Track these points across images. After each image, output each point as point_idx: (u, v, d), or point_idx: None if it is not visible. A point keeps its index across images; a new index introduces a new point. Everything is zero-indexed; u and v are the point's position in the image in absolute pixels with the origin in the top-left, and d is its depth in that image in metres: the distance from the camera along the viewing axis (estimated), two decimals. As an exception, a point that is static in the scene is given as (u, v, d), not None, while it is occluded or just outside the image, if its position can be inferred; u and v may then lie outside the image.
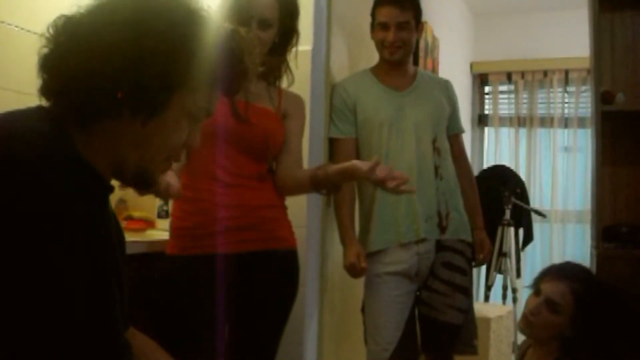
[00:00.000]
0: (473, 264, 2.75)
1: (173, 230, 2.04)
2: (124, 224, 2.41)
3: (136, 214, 2.52)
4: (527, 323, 1.89)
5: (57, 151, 0.96)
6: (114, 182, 1.10)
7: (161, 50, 0.99)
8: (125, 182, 1.10)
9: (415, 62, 3.53)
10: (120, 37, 0.98)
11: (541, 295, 1.87)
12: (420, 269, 2.59)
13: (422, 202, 2.56)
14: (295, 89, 2.38)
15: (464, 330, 2.62)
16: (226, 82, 1.12)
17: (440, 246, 2.61)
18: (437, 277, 2.60)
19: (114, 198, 2.52)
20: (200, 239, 1.96)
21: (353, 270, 2.53)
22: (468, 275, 2.67)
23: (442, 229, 2.60)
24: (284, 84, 2.19)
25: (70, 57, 0.99)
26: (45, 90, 1.04)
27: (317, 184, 2.01)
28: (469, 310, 2.65)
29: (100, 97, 0.98)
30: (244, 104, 1.99)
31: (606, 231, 3.35)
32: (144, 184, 1.10)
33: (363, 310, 2.66)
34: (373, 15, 2.66)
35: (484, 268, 5.16)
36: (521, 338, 3.66)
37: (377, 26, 2.63)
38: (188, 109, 1.06)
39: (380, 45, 2.64)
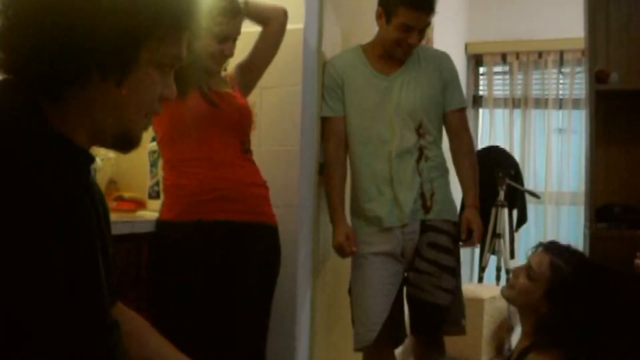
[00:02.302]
0: (461, 243, 2.66)
1: (168, 198, 2.16)
2: (114, 204, 2.40)
3: (126, 194, 2.50)
4: (508, 285, 1.94)
5: (30, 126, 0.93)
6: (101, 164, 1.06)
7: (120, 5, 0.95)
8: (107, 147, 1.08)
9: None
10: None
11: (526, 262, 1.91)
12: (405, 250, 2.57)
13: (404, 187, 2.54)
14: (287, 67, 2.43)
15: (451, 311, 2.57)
16: (192, 24, 1.07)
17: (425, 226, 2.57)
18: (423, 258, 2.56)
19: (104, 178, 2.54)
20: (194, 205, 2.10)
21: (341, 251, 2.54)
22: (454, 255, 2.61)
23: (427, 209, 2.57)
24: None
25: (24, 31, 0.94)
26: (5, 68, 0.99)
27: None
28: (455, 291, 2.59)
29: (65, 66, 0.94)
30: (215, 94, 2.17)
31: (600, 211, 3.35)
32: (127, 145, 1.07)
33: (350, 291, 2.64)
34: (393, 10, 2.49)
35: (477, 249, 5.17)
36: (515, 319, 3.66)
37: (397, 25, 2.49)
38: (158, 60, 1.03)
39: (395, 44, 2.54)
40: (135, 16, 0.96)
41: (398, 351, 2.77)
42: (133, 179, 2.62)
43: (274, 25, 2.30)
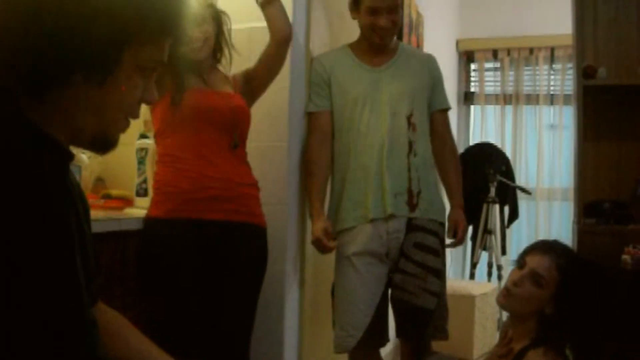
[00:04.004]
0: (448, 243, 2.66)
1: (157, 195, 2.16)
2: (101, 202, 2.40)
3: (114, 192, 2.49)
4: (508, 294, 1.87)
5: (7, 122, 0.93)
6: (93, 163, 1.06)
7: (105, 7, 0.95)
8: (85, 147, 1.07)
9: (399, 39, 3.50)
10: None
11: (526, 268, 1.86)
12: (390, 250, 2.53)
13: (392, 179, 2.50)
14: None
15: (436, 315, 2.52)
16: (176, 30, 1.07)
17: (411, 226, 2.52)
18: (409, 259, 2.50)
19: (91, 176, 2.53)
20: (184, 204, 2.09)
21: (319, 246, 2.50)
22: (441, 256, 2.57)
23: (412, 206, 2.52)
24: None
25: (9, 29, 0.94)
26: None
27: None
28: (441, 294, 2.55)
29: (48, 66, 0.94)
30: (211, 93, 2.19)
31: (589, 207, 3.36)
32: (105, 147, 1.07)
33: (333, 293, 2.61)
34: None
35: (469, 245, 5.18)
36: (506, 316, 3.68)
37: (364, 10, 2.53)
38: (141, 63, 1.03)
39: (370, 30, 2.56)
40: (120, 19, 0.96)
41: (387, 351, 2.76)
42: (121, 176, 2.62)
43: (274, 42, 2.29)
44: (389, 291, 2.60)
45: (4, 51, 0.95)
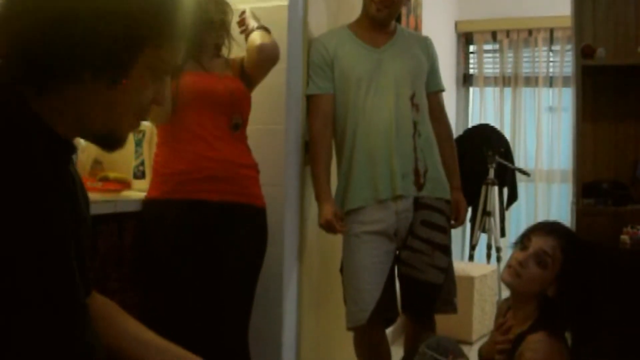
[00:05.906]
0: (452, 222, 2.71)
1: (156, 176, 2.17)
2: (99, 185, 2.39)
3: (112, 175, 2.48)
4: (514, 274, 1.86)
5: (10, 112, 0.92)
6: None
7: (121, 8, 0.94)
8: (93, 143, 1.06)
9: (398, 20, 3.49)
10: None
11: (529, 249, 1.85)
12: (399, 228, 2.57)
13: (400, 159, 2.54)
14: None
15: (444, 289, 2.59)
16: (192, 34, 1.07)
17: (418, 204, 2.58)
18: (417, 236, 2.56)
19: (88, 159, 2.52)
20: (182, 184, 2.10)
21: (329, 228, 2.53)
22: (447, 233, 2.63)
23: (419, 186, 2.57)
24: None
25: (20, 18, 0.93)
26: None
27: None
28: (448, 269, 2.61)
29: (57, 62, 0.93)
30: (210, 75, 2.19)
31: (587, 187, 3.36)
32: (113, 145, 1.06)
33: (342, 270, 2.65)
34: None
35: (468, 227, 5.18)
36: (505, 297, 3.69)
37: None
38: (153, 66, 1.01)
39: (370, 0, 2.60)
40: (135, 22, 0.95)
41: (389, 330, 2.78)
42: (118, 159, 2.61)
43: (251, 52, 2.25)
44: (396, 268, 2.64)
45: (15, 41, 0.94)
